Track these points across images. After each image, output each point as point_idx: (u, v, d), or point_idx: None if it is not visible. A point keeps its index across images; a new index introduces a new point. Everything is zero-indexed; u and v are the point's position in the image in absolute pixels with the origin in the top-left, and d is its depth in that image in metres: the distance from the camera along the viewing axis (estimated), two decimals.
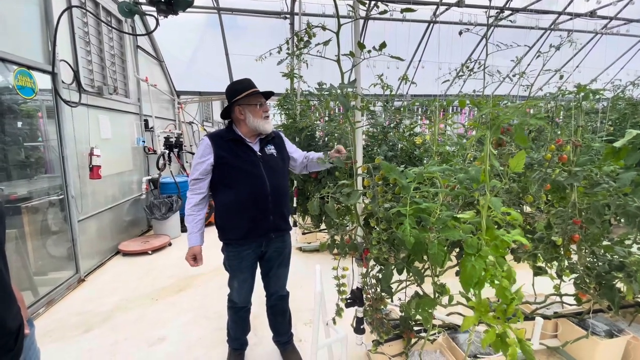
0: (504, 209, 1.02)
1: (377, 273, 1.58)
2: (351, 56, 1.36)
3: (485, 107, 1.05)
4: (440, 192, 1.23)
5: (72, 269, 3.34)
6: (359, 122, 1.52)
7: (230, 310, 2.06)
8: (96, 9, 3.96)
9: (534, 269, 1.83)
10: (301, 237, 4.28)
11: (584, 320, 2.07)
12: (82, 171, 3.52)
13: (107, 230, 4.06)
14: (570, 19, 6.60)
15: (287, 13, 5.77)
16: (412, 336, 1.79)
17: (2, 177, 2.65)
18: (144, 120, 5.17)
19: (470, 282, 0.98)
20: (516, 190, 1.66)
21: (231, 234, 1.86)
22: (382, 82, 3.28)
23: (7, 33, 2.63)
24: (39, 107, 3.04)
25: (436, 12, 6.20)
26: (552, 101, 2.52)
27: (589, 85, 2.06)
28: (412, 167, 1.34)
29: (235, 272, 1.93)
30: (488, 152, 1.02)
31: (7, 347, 0.83)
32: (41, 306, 2.83)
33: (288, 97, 4.24)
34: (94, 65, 3.87)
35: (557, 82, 3.38)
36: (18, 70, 2.66)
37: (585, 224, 1.58)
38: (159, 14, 2.61)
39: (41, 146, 3.10)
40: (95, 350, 2.34)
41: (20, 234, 2.77)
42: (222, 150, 1.80)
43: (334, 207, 1.53)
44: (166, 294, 3.14)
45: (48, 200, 3.11)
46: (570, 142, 1.61)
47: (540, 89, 3.83)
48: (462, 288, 1.03)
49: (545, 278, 1.85)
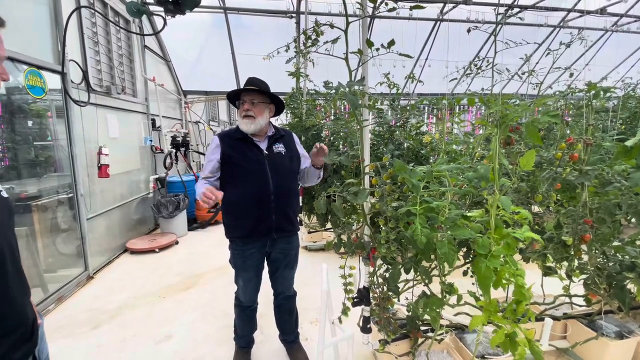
0: (513, 208, 1.01)
1: (384, 272, 1.57)
2: (359, 54, 1.36)
3: (495, 106, 1.04)
4: (449, 191, 1.22)
5: (81, 267, 3.39)
6: (366, 120, 1.51)
7: (237, 308, 2.07)
8: (104, 9, 4.00)
9: (543, 269, 1.81)
10: (307, 236, 4.28)
11: (593, 321, 2.05)
12: (90, 170, 3.57)
13: (115, 228, 4.11)
14: (580, 16, 6.50)
15: (293, 12, 5.77)
16: (419, 336, 1.78)
17: (13, 176, 2.70)
18: (151, 120, 5.22)
19: (488, 282, 0.97)
20: (525, 190, 1.64)
21: (235, 232, 1.88)
22: (388, 80, 3.27)
23: (17, 33, 2.67)
24: (48, 106, 3.09)
25: (443, 9, 6.15)
26: (562, 99, 2.48)
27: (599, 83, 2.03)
28: (419, 166, 1.33)
29: (239, 271, 1.94)
30: (497, 150, 1.01)
31: (26, 335, 0.86)
32: (51, 302, 2.88)
33: (294, 96, 4.25)
34: (103, 65, 3.91)
35: (567, 80, 3.33)
36: (28, 70, 2.70)
37: (596, 223, 1.56)
38: (167, 14, 2.63)
39: (51, 145, 3.14)
40: (104, 346, 2.38)
41: (30, 231, 2.81)
42: (230, 149, 1.82)
43: (341, 205, 1.52)
44: (173, 291, 3.17)
45: (57, 198, 3.15)
46: (581, 140, 1.59)
47: (550, 87, 3.78)
48: (481, 290, 1.01)
49: (553, 279, 1.82)
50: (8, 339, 0.81)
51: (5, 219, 0.84)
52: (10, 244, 0.84)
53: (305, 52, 1.55)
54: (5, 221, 0.84)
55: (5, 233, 0.82)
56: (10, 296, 0.81)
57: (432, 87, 7.26)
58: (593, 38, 7.16)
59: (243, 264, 1.90)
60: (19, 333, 0.84)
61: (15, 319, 0.84)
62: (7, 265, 0.81)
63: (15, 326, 0.83)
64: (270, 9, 5.79)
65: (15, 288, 0.84)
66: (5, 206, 0.85)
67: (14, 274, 0.83)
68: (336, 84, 1.30)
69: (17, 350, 0.83)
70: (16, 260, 0.86)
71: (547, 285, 1.99)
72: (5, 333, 0.80)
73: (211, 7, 5.62)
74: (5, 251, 0.81)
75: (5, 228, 0.83)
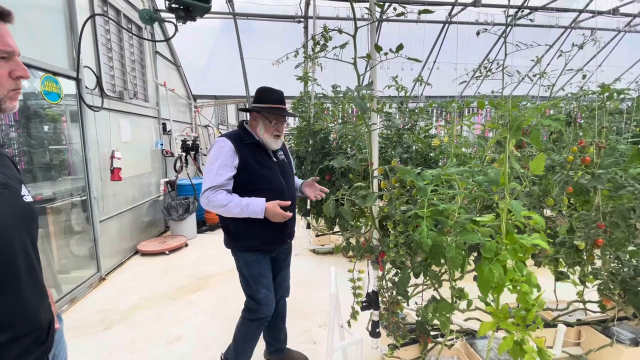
0: (525, 213, 1.00)
1: (393, 276, 1.57)
2: (368, 58, 1.36)
3: (505, 108, 1.03)
4: (459, 194, 1.21)
5: (93, 268, 3.45)
6: (374, 124, 1.52)
7: (252, 324, 1.86)
8: (117, 16, 4.10)
9: (555, 274, 1.78)
10: (315, 240, 4.28)
11: (608, 327, 2.00)
12: (103, 173, 3.64)
13: (126, 230, 4.18)
14: (591, 16, 6.40)
15: (301, 17, 5.81)
16: (429, 341, 1.76)
17: (29, 179, 2.77)
18: (162, 124, 5.31)
19: (487, 286, 0.96)
20: (537, 193, 1.62)
21: (254, 241, 1.78)
22: (396, 83, 3.26)
23: (34, 41, 2.75)
24: (63, 111, 3.17)
25: (451, 12, 6.12)
26: (574, 101, 2.45)
27: (613, 84, 1.99)
28: (428, 169, 1.33)
29: (260, 278, 1.81)
30: (508, 154, 1.00)
31: (39, 340, 0.85)
32: (64, 303, 2.94)
33: (302, 100, 4.27)
34: (115, 71, 4.00)
35: (579, 82, 3.28)
36: (45, 77, 2.78)
37: (610, 228, 1.53)
38: (178, 21, 2.69)
39: (65, 149, 3.22)
40: (115, 346, 2.41)
41: (45, 233, 2.88)
42: (246, 155, 1.73)
43: (349, 209, 1.53)
44: (183, 293, 3.20)
45: (71, 201, 3.22)
46: (593, 143, 1.57)
47: (562, 88, 3.72)
48: (480, 292, 1.01)
49: (566, 284, 1.79)
50: (20, 343, 0.79)
51: (21, 221, 0.82)
52: (24, 246, 0.82)
53: (314, 57, 1.56)
54: (22, 224, 0.82)
55: (21, 235, 0.81)
56: (22, 299, 0.80)
57: (440, 90, 7.20)
58: (606, 39, 7.03)
59: (261, 269, 1.81)
60: (32, 337, 0.82)
61: (29, 323, 0.82)
62: (19, 267, 0.79)
63: (28, 330, 0.81)
64: (279, 14, 5.85)
65: (29, 291, 0.82)
66: (26, 210, 0.85)
67: (27, 277, 0.81)
68: (344, 86, 1.31)
69: (28, 355, 0.81)
70: (31, 263, 0.84)
71: (560, 290, 1.95)
72: (18, 336, 0.78)
73: (220, 13, 5.70)
74: (18, 253, 0.79)
75: (22, 230, 0.82)
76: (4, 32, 0.77)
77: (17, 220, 0.81)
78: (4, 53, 0.77)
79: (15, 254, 0.79)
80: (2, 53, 0.76)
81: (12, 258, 0.78)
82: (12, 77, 0.79)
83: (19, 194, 0.85)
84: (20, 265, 0.79)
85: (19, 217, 0.82)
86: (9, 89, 0.79)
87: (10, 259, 0.77)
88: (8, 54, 0.78)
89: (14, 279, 0.78)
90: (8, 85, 0.79)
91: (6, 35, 0.77)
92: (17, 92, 0.82)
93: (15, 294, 0.78)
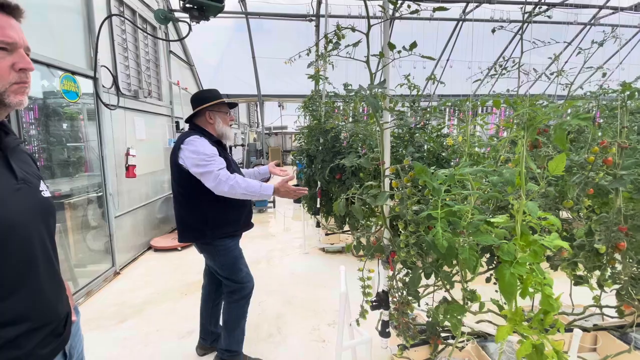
0: (540, 214, 0.97)
1: (403, 276, 1.55)
2: (380, 56, 1.35)
3: (522, 107, 1.01)
4: (473, 194, 1.19)
5: (109, 262, 3.53)
6: (386, 123, 1.50)
7: (240, 301, 2.06)
8: (133, 16, 4.17)
9: (573, 277, 1.74)
10: (324, 238, 4.29)
11: (626, 333, 1.94)
12: (119, 170, 3.72)
13: (140, 226, 4.26)
14: (612, 13, 6.19)
15: (312, 15, 5.81)
16: (440, 342, 1.74)
17: (47, 175, 2.85)
18: (175, 122, 5.39)
19: (511, 291, 0.93)
20: (553, 195, 1.58)
21: (232, 226, 2.00)
22: (409, 82, 3.22)
23: (53, 41, 2.83)
24: (80, 109, 3.25)
25: (466, 9, 6.02)
26: (593, 100, 2.37)
27: (634, 83, 1.93)
28: (440, 168, 1.31)
29: (240, 259, 2.04)
30: (524, 153, 0.98)
31: (57, 332, 0.87)
32: (81, 296, 3.02)
33: (313, 98, 4.27)
34: (131, 70, 4.08)
35: (599, 80, 3.18)
36: (64, 76, 2.85)
37: (632, 231, 1.48)
38: (192, 20, 2.71)
39: (82, 146, 3.30)
40: (129, 339, 2.47)
41: (62, 228, 2.96)
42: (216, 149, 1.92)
43: (360, 208, 1.52)
44: (195, 288, 3.25)
45: (88, 197, 3.31)
46: (615, 143, 1.52)
47: (581, 87, 3.62)
48: (504, 298, 0.98)
49: (581, 288, 1.74)
50: (38, 334, 0.80)
51: (40, 216, 0.84)
52: (42, 240, 0.83)
53: (326, 56, 1.56)
54: (40, 219, 0.84)
55: (39, 229, 0.82)
56: (40, 291, 0.81)
57: (453, 88, 7.11)
58: (627, 36, 6.80)
59: (240, 251, 2.05)
60: (49, 328, 0.83)
61: (46, 315, 0.83)
62: (38, 261, 0.80)
63: (46, 322, 0.82)
64: (290, 12, 5.86)
65: (47, 284, 0.83)
66: (44, 205, 0.87)
67: (45, 270, 0.83)
68: (355, 84, 1.31)
69: (46, 347, 0.82)
70: (49, 257, 0.85)
71: (575, 295, 1.90)
72: (36, 328, 0.79)
73: (233, 12, 5.75)
74: (36, 247, 0.80)
75: (40, 225, 0.83)
76: (5, 24, 0.75)
77: (36, 215, 0.83)
78: (4, 44, 0.74)
79: (34, 248, 0.80)
80: (2, 44, 0.74)
81: (31, 252, 0.79)
82: (15, 69, 0.76)
83: (37, 190, 0.86)
84: (38, 258, 0.81)
85: (37, 212, 0.83)
86: (11, 82, 0.76)
87: (29, 253, 0.79)
88: (9, 45, 0.75)
89: (33, 272, 0.80)
90: (10, 78, 0.76)
91: (7, 27, 0.75)
92: (22, 86, 0.78)
93: (34, 287, 0.80)
